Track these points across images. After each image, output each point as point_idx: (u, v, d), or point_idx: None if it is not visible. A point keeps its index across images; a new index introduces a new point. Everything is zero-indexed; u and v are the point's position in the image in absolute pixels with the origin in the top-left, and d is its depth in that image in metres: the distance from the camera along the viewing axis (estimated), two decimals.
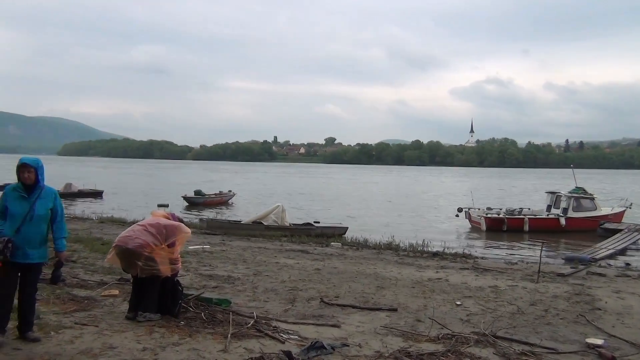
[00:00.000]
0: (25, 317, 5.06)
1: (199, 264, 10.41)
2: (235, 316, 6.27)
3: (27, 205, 4.93)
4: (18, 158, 5.30)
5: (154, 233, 6.03)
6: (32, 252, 4.94)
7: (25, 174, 4.95)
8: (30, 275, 5.06)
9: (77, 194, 35.44)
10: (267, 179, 76.66)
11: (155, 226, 6.12)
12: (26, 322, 5.05)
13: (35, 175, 4.98)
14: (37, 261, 5.06)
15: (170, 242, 6.14)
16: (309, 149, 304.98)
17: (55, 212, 5.13)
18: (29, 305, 5.07)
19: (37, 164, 5.04)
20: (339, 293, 8.33)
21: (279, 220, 17.80)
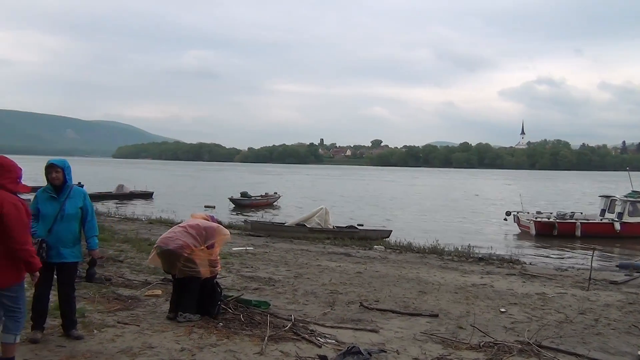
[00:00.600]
0: (67, 315, 5.21)
1: (241, 265, 10.51)
2: (273, 318, 6.29)
3: (58, 205, 5.07)
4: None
5: (193, 234, 6.12)
6: (66, 251, 5.07)
7: (53, 174, 5.09)
8: (66, 275, 5.19)
9: (129, 195, 36.51)
10: (313, 181, 76.95)
11: (195, 227, 6.20)
12: (69, 321, 5.21)
13: (62, 175, 5.11)
14: (71, 260, 5.17)
15: (210, 244, 6.21)
16: (355, 151, 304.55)
17: (85, 211, 5.24)
18: (67, 304, 5.21)
19: (64, 165, 5.16)
20: (380, 297, 8.23)
21: (323, 223, 17.79)
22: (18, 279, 4.11)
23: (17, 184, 4.15)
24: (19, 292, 4.17)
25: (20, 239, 3.98)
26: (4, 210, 3.97)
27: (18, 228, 3.97)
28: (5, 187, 4.07)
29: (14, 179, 4.13)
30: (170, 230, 6.44)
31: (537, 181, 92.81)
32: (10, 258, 4.00)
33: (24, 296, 4.25)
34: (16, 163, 4.27)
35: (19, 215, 3.99)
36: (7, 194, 4.04)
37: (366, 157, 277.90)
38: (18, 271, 4.08)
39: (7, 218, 3.96)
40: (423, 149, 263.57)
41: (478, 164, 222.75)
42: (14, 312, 4.14)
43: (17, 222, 3.97)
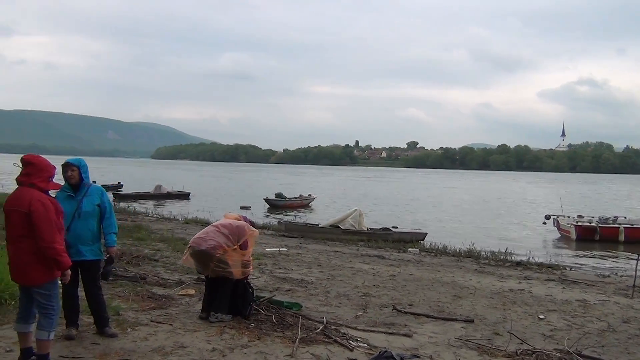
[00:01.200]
0: (96, 313, 5.26)
1: (275, 266, 10.51)
2: (305, 320, 6.24)
3: (75, 203, 5.11)
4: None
5: (226, 234, 6.13)
6: (85, 248, 5.12)
7: (69, 172, 5.12)
8: (87, 272, 5.21)
9: (166, 196, 37.12)
10: (347, 183, 76.79)
11: (228, 227, 6.21)
12: (100, 319, 5.26)
13: (78, 173, 5.14)
14: (91, 258, 5.18)
15: (242, 243, 6.20)
16: (390, 153, 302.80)
17: (103, 208, 5.27)
18: (95, 302, 5.25)
19: (80, 163, 5.20)
20: (413, 301, 8.09)
21: (356, 225, 17.69)
22: (50, 277, 4.18)
23: (48, 183, 4.22)
24: (51, 289, 4.23)
25: (47, 237, 4.04)
26: (32, 208, 4.05)
27: (45, 226, 4.04)
28: (36, 186, 4.14)
29: (45, 177, 4.20)
30: (203, 230, 6.47)
31: (578, 184, 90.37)
32: (41, 256, 4.07)
33: (57, 294, 4.32)
34: (49, 162, 4.34)
35: (46, 213, 4.06)
36: (36, 192, 4.12)
37: (402, 159, 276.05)
38: (49, 269, 4.15)
39: (35, 216, 4.03)
40: (460, 151, 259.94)
41: (516, 167, 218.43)
42: (47, 310, 4.21)
43: (45, 220, 4.03)
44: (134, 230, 14.15)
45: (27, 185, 4.17)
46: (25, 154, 4.28)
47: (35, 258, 4.09)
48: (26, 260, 4.14)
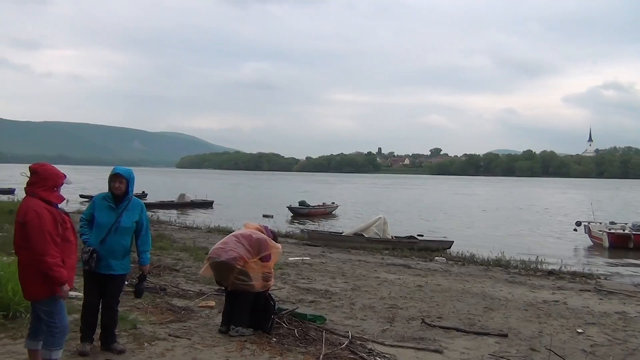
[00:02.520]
0: (108, 329, 5.01)
1: (298, 276, 10.24)
2: (329, 335, 5.96)
3: (114, 216, 4.90)
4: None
5: (246, 245, 5.89)
6: (115, 263, 4.90)
7: (117, 183, 4.92)
8: (112, 287, 4.98)
9: (189, 204, 37.17)
10: (370, 191, 76.28)
11: (247, 238, 5.97)
12: (110, 335, 5.01)
13: (126, 186, 4.94)
14: (119, 272, 4.99)
15: (263, 256, 5.95)
16: (413, 160, 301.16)
17: (140, 225, 5.06)
18: (109, 317, 5.01)
19: (130, 175, 5.00)
20: (442, 313, 7.73)
21: (381, 233, 17.33)
22: (49, 292, 3.92)
23: (50, 193, 3.99)
24: (53, 306, 3.98)
25: (38, 249, 3.81)
26: (26, 219, 3.83)
27: (37, 237, 3.80)
28: (38, 195, 3.93)
29: (50, 187, 3.98)
30: (222, 240, 6.23)
31: (606, 190, 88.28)
32: (39, 269, 3.85)
33: (61, 311, 4.05)
34: (57, 171, 4.11)
35: (40, 224, 3.82)
36: (35, 201, 3.90)
37: (425, 166, 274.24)
38: (49, 284, 3.90)
39: (28, 226, 3.82)
40: (484, 157, 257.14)
41: (542, 173, 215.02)
42: (49, 327, 3.98)
43: (37, 231, 3.80)
44: (157, 240, 14.00)
45: (30, 194, 3.96)
46: (34, 163, 4.07)
47: (33, 271, 3.86)
48: (24, 273, 3.93)
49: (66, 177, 4.12)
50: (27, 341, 4.16)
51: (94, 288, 4.88)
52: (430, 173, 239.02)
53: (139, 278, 5.26)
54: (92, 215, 4.90)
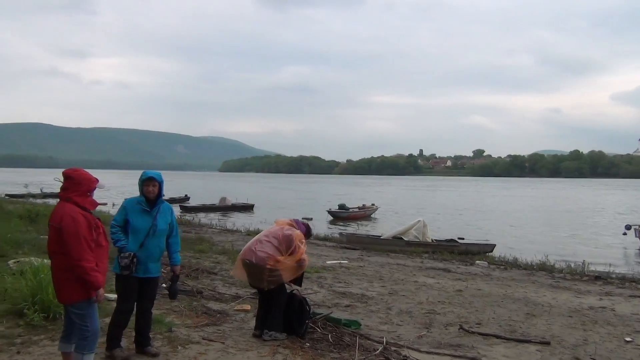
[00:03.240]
0: (143, 332, 5.05)
1: (334, 280, 10.17)
2: (363, 340, 5.86)
3: (150, 219, 4.95)
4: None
5: (275, 244, 5.81)
6: (152, 266, 4.96)
7: (150, 187, 4.96)
8: (149, 290, 5.05)
9: (230, 207, 37.61)
10: (411, 193, 75.53)
11: (276, 235, 5.90)
12: (145, 338, 5.06)
13: (158, 189, 5.00)
14: (156, 275, 5.06)
15: (292, 251, 5.86)
16: (455, 161, 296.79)
17: (172, 227, 5.13)
18: (146, 320, 5.06)
19: (161, 179, 5.06)
20: (482, 319, 7.51)
21: (420, 236, 17.07)
22: (83, 295, 3.98)
23: (84, 198, 4.05)
24: (86, 309, 4.04)
25: (74, 254, 3.86)
26: (62, 224, 3.89)
27: (73, 242, 3.86)
28: (72, 200, 3.99)
29: (83, 192, 4.04)
30: (251, 240, 6.16)
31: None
32: (74, 274, 3.91)
33: (93, 315, 4.10)
34: (90, 176, 4.16)
35: (76, 229, 3.88)
36: (70, 207, 3.96)
37: (467, 168, 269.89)
38: (83, 288, 3.96)
39: (64, 231, 3.87)
40: (529, 158, 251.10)
41: (590, 174, 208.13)
42: (81, 331, 4.04)
43: (74, 237, 3.86)
44: (196, 243, 14.22)
45: (64, 199, 4.04)
46: (67, 168, 4.14)
47: (68, 275, 3.92)
48: (59, 277, 4.00)
49: (99, 182, 4.17)
50: (61, 344, 4.24)
51: (132, 293, 4.91)
52: (473, 175, 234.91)
53: (172, 279, 5.33)
54: (126, 221, 4.92)
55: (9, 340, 5.16)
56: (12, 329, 5.49)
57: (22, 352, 4.90)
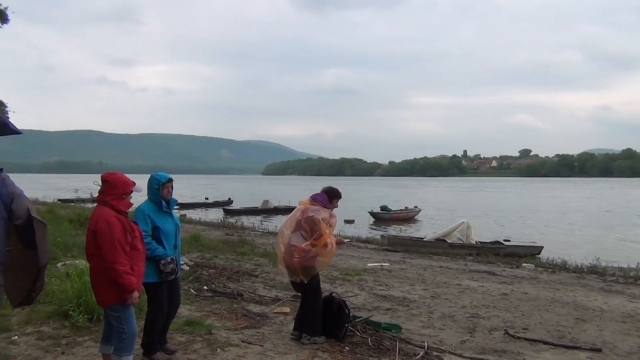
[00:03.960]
0: (167, 330, 5.11)
1: (375, 282, 10.04)
2: (403, 345, 5.75)
3: (171, 219, 4.97)
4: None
5: (304, 235, 5.63)
6: (180, 262, 5.01)
7: (169, 189, 4.97)
8: (177, 287, 5.11)
9: (273, 210, 37.92)
10: (454, 194, 74.31)
11: (298, 224, 5.70)
12: (165, 335, 5.10)
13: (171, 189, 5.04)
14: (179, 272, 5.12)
15: (317, 235, 5.61)
16: (501, 162, 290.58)
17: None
18: (172, 318, 5.13)
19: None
20: (528, 324, 7.25)
21: (464, 238, 16.72)
22: (119, 298, 4.02)
23: (120, 201, 4.09)
24: (121, 312, 4.09)
25: (108, 257, 3.90)
26: (97, 227, 3.94)
27: (108, 246, 3.90)
28: (108, 204, 4.05)
29: (119, 195, 4.09)
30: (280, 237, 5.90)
31: None
32: (109, 276, 3.95)
33: (129, 317, 4.15)
34: (127, 179, 4.21)
35: (111, 233, 3.92)
36: (105, 210, 4.02)
37: (513, 168, 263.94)
38: (117, 290, 4.00)
39: (99, 234, 3.92)
40: (578, 158, 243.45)
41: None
42: (119, 333, 4.10)
43: (108, 240, 3.90)
44: (238, 245, 14.35)
45: (101, 203, 4.10)
46: (105, 172, 4.20)
47: (103, 278, 3.98)
48: (95, 280, 4.06)
49: (135, 185, 4.22)
50: (101, 345, 4.31)
51: (165, 297, 4.93)
52: (519, 175, 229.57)
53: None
54: (156, 227, 4.82)
55: (55, 341, 5.30)
56: (59, 330, 5.64)
57: (67, 352, 5.01)
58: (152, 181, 4.89)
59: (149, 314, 4.88)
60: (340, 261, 12.74)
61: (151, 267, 4.71)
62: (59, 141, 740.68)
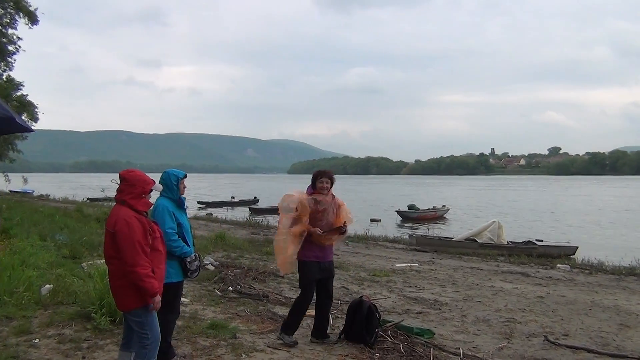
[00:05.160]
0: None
1: (405, 284, 9.73)
2: (437, 351, 5.45)
3: (186, 216, 4.80)
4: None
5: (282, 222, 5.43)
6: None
7: (185, 185, 4.78)
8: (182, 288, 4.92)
9: None
10: (484, 193, 73.16)
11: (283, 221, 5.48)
12: None
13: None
14: None
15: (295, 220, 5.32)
16: (530, 160, 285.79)
17: None
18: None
19: None
20: (569, 330, 6.86)
21: (495, 238, 16.25)
22: (141, 302, 3.80)
23: (138, 200, 3.87)
24: (145, 316, 3.86)
25: (128, 260, 3.68)
26: (116, 228, 3.72)
27: (128, 248, 3.68)
28: (127, 203, 3.83)
29: (137, 194, 3.86)
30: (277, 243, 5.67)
31: None
32: (129, 280, 3.75)
33: (152, 322, 3.91)
34: (146, 177, 3.98)
35: (130, 234, 3.70)
36: (124, 210, 3.80)
37: (542, 166, 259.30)
38: (138, 295, 3.77)
39: (118, 236, 3.71)
40: (610, 155, 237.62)
41: None
42: (141, 339, 3.88)
43: (128, 242, 3.69)
44: (264, 245, 14.17)
45: (119, 202, 3.89)
46: (123, 170, 4.00)
47: (124, 282, 3.76)
48: (115, 284, 3.85)
49: (155, 184, 4.00)
50: (121, 352, 4.11)
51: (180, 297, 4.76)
52: (548, 174, 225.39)
53: None
54: (179, 225, 4.63)
55: (76, 344, 5.15)
56: (80, 332, 5.50)
57: (87, 357, 4.86)
58: (170, 177, 4.67)
59: (161, 315, 4.66)
60: (368, 262, 12.46)
61: (175, 266, 4.52)
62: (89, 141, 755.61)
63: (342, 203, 5.59)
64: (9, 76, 23.80)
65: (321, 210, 5.33)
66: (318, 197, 5.38)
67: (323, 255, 5.44)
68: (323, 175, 5.45)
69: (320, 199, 5.36)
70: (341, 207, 5.53)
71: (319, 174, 5.49)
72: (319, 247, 5.37)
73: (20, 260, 8.14)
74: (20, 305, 6.15)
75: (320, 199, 5.37)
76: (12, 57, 23.91)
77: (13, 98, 22.76)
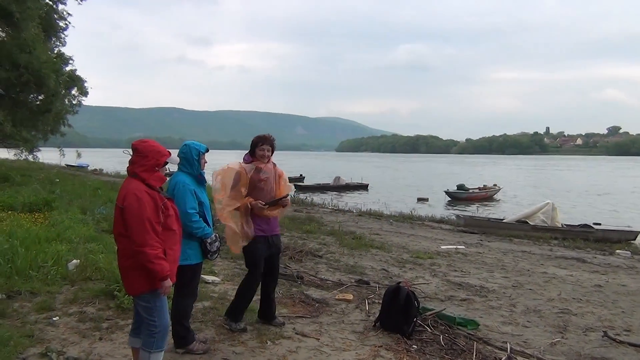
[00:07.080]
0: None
1: (449, 267, 9.19)
2: (481, 345, 4.95)
3: (206, 193, 4.41)
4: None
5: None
6: None
7: (205, 159, 4.40)
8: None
9: (345, 187, 37.35)
10: (537, 173, 70.62)
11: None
12: None
13: None
14: None
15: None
16: (587, 139, 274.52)
17: None
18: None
19: None
20: (631, 325, 6.19)
21: (549, 220, 15.35)
22: (149, 286, 3.44)
23: (150, 174, 3.47)
24: (153, 301, 3.50)
25: (137, 238, 3.31)
26: (125, 203, 3.35)
27: (136, 225, 3.31)
28: (138, 176, 3.45)
29: (150, 166, 3.46)
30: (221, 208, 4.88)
31: None
32: (138, 261, 3.39)
33: (162, 308, 3.55)
34: (160, 147, 3.58)
35: (140, 210, 3.32)
36: (135, 183, 3.42)
37: (600, 146, 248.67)
38: (147, 277, 3.41)
39: (126, 212, 3.33)
40: None
41: None
42: (148, 325, 3.53)
43: (136, 219, 3.31)
44: (305, 222, 13.86)
45: (131, 174, 3.51)
46: (137, 140, 3.62)
47: (133, 262, 3.41)
48: (124, 265, 3.49)
49: (170, 156, 3.62)
50: (130, 338, 3.80)
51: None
52: (607, 154, 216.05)
53: None
54: (201, 203, 4.26)
55: (96, 324, 4.93)
56: (103, 311, 5.28)
57: (105, 338, 4.61)
58: (191, 151, 4.28)
59: (179, 298, 4.33)
60: (412, 242, 11.95)
61: (195, 247, 4.19)
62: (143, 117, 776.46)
63: (283, 172, 5.11)
64: (59, 51, 24.14)
65: (264, 179, 4.86)
66: (259, 164, 4.91)
67: (270, 228, 4.93)
68: (264, 141, 4.97)
69: (262, 167, 4.90)
70: (281, 176, 5.07)
71: (260, 139, 4.99)
72: (264, 220, 4.87)
73: (56, 233, 8.07)
74: (46, 280, 6.00)
75: (262, 167, 4.90)
76: (63, 33, 24.23)
77: (63, 73, 23.10)
